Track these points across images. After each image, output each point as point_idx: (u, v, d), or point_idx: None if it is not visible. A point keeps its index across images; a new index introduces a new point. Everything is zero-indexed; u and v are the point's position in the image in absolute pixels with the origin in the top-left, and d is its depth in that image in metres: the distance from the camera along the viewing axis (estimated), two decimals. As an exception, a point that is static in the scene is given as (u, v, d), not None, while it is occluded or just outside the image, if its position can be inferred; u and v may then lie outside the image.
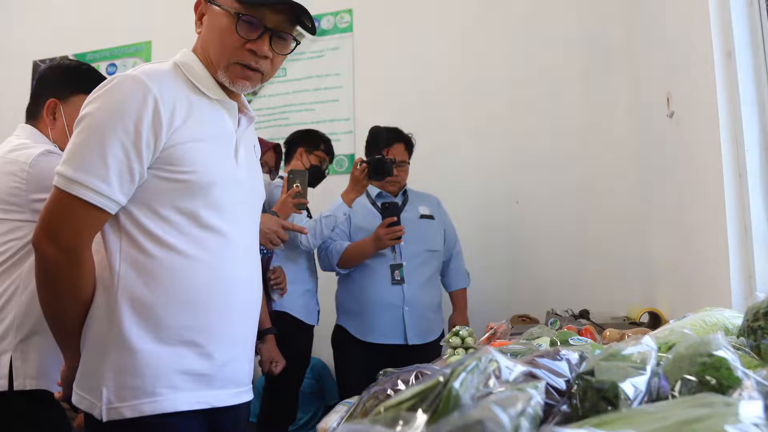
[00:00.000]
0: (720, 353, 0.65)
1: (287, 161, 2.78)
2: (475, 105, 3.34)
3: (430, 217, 2.69)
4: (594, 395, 0.62)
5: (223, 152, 1.24)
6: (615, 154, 3.06)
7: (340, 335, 2.62)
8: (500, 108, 3.29)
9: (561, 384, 0.67)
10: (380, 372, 1.09)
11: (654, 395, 0.64)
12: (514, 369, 0.65)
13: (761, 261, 1.51)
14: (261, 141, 2.21)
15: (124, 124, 1.11)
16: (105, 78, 1.23)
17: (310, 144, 2.74)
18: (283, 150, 2.79)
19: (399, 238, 2.46)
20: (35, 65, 4.35)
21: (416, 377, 0.75)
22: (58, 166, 1.13)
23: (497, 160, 3.27)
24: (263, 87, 3.64)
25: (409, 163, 2.71)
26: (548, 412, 0.63)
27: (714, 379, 0.62)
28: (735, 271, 1.55)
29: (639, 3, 2.72)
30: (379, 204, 2.61)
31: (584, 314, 2.37)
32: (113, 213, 1.15)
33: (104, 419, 1.12)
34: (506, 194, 3.24)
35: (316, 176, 2.68)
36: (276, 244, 2.23)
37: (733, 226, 1.56)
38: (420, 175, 2.88)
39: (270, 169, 2.65)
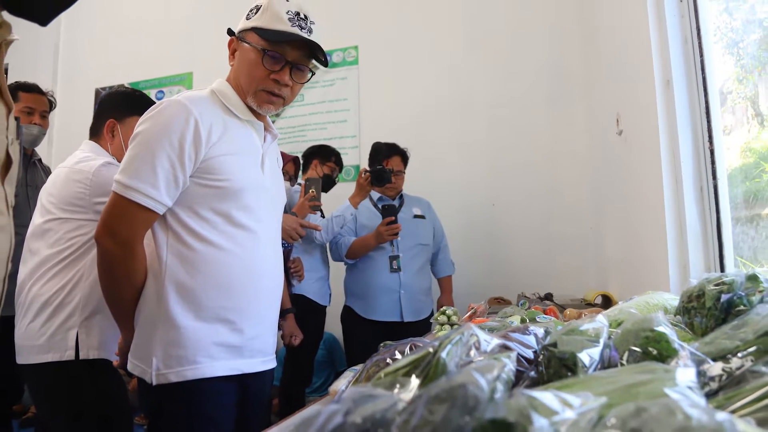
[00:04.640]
0: (660, 329, 0.65)
1: (304, 171, 2.78)
2: (460, 125, 3.34)
3: (422, 216, 2.69)
4: (557, 363, 0.62)
5: (252, 163, 1.24)
6: (574, 165, 3.06)
7: (347, 314, 2.62)
8: (480, 127, 3.29)
9: (529, 354, 0.67)
10: (381, 344, 1.09)
11: (606, 363, 0.64)
12: (491, 342, 0.65)
13: (694, 253, 1.52)
14: (283, 154, 2.21)
15: (170, 141, 1.11)
16: (154, 102, 1.23)
17: (323, 157, 2.74)
18: (301, 161, 2.80)
19: (396, 234, 2.46)
20: (97, 92, 4.35)
21: (410, 348, 0.75)
22: (116, 174, 1.13)
23: (477, 170, 3.27)
24: (285, 110, 3.65)
25: (404, 172, 2.70)
26: (519, 378, 0.63)
27: (655, 350, 0.62)
28: (673, 261, 1.55)
29: (593, 40, 2.72)
30: (379, 206, 2.60)
31: (549, 297, 2.37)
32: (161, 213, 1.15)
33: (154, 383, 1.12)
34: (485, 198, 3.24)
35: (328, 183, 2.68)
36: (295, 239, 2.23)
37: (671, 224, 1.56)
38: (414, 182, 2.88)
39: (290, 177, 2.66)
